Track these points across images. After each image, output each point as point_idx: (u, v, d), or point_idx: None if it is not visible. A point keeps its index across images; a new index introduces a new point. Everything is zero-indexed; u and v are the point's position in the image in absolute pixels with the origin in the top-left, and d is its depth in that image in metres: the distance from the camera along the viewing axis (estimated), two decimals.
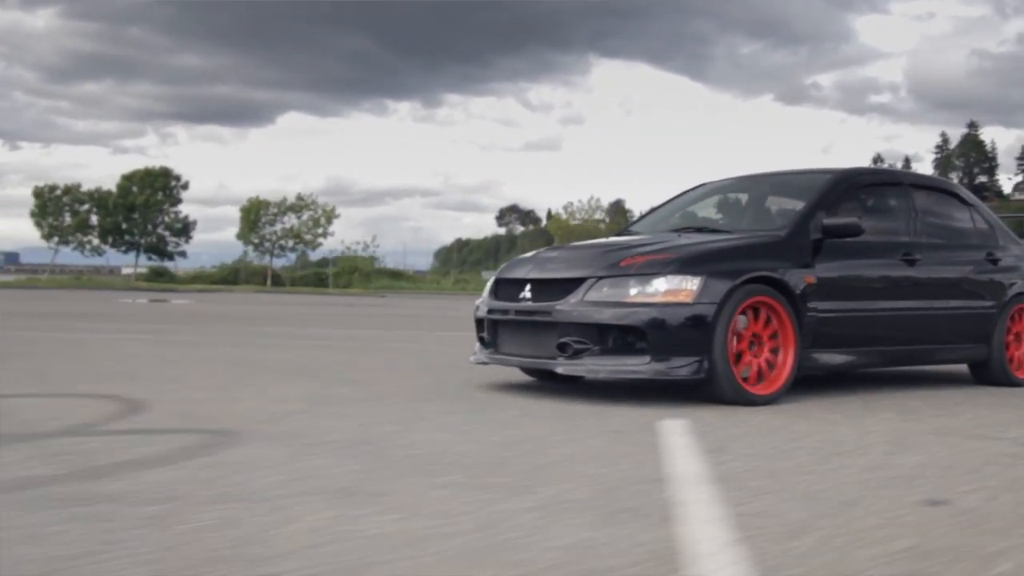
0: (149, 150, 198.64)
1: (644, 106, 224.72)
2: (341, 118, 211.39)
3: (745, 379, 4.68)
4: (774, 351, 4.82)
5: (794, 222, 5.17)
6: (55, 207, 52.94)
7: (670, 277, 4.60)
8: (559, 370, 4.74)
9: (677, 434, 3.67)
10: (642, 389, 5.22)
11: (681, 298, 4.55)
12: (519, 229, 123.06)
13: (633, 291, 4.62)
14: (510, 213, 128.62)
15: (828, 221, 5.12)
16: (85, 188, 54.31)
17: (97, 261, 61.27)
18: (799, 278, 4.92)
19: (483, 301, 5.32)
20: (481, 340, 5.32)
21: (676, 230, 5.63)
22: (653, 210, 6.50)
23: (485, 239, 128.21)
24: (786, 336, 4.84)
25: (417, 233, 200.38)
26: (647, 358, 4.53)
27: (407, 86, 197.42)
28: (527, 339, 4.94)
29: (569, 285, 4.80)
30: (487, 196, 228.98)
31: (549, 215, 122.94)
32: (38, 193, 52.79)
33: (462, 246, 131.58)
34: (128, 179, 54.79)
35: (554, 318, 4.76)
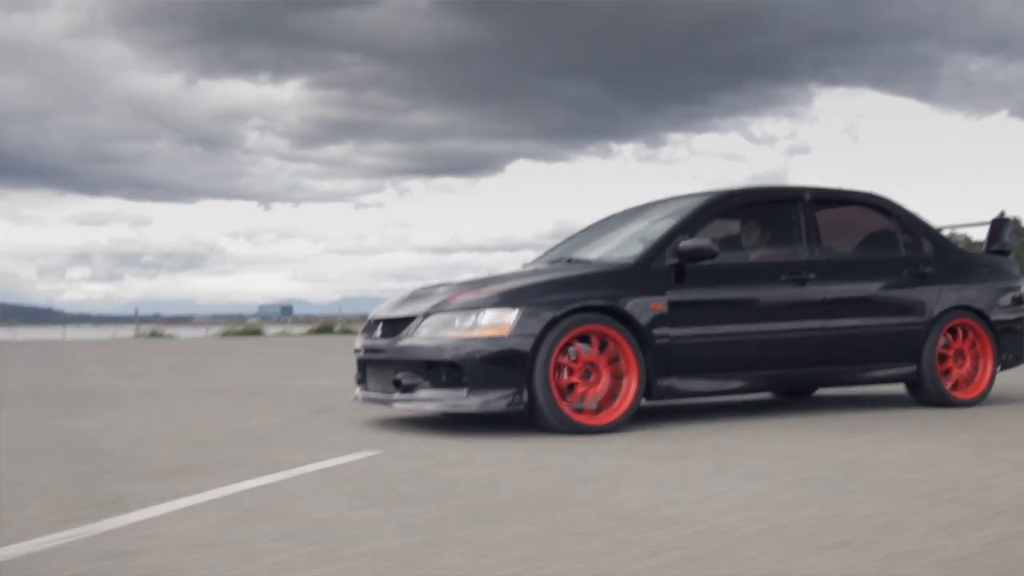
0: (387, 204, 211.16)
1: (871, 131, 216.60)
2: (567, 163, 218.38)
3: (580, 409, 4.72)
4: (617, 379, 4.83)
5: (646, 249, 5.17)
6: None
7: (488, 312, 4.74)
8: (395, 406, 4.96)
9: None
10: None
11: (498, 332, 4.69)
12: None
13: (455, 327, 4.79)
14: None
15: (683, 246, 5.07)
16: None
17: None
18: (643, 305, 4.92)
19: (358, 339, 5.61)
20: (356, 378, 5.60)
21: (555, 261, 5.70)
22: (565, 241, 6.54)
23: None
24: (628, 364, 4.85)
25: None
26: (465, 391, 4.67)
27: (630, 128, 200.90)
28: (378, 376, 5.19)
29: (405, 323, 5.03)
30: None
31: None
32: None
33: None
34: None
35: (388, 355, 5.02)
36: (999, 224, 6.29)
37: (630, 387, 4.84)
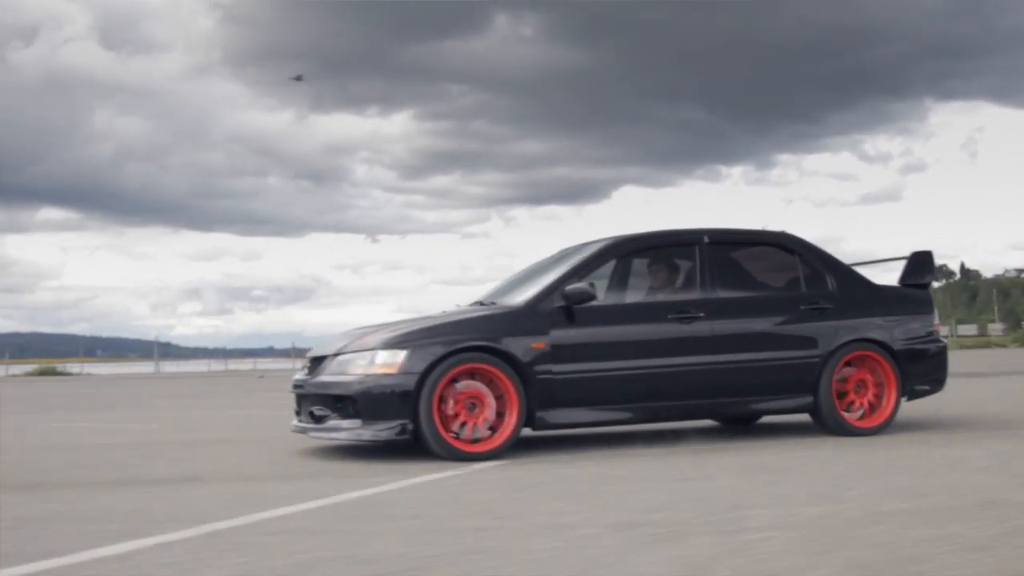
0: (493, 233, 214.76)
1: (990, 146, 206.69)
2: (674, 187, 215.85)
3: (459, 436, 5.26)
4: (500, 413, 5.35)
5: (536, 293, 5.67)
6: None
7: (382, 352, 5.33)
8: (310, 435, 5.60)
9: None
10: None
11: (389, 370, 5.27)
12: (934, 284, 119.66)
13: (356, 365, 5.40)
14: None
15: (566, 289, 5.55)
16: None
17: None
18: (526, 345, 5.42)
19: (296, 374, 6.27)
20: (295, 410, 6.26)
21: (474, 303, 6.24)
22: (502, 283, 7.03)
23: None
24: (509, 398, 5.34)
25: None
26: (359, 422, 5.28)
27: (738, 150, 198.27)
28: (303, 408, 5.84)
29: (321, 361, 5.67)
30: None
31: (963, 269, 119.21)
32: None
33: None
34: None
35: (306, 390, 5.67)
36: (919, 258, 6.49)
37: (511, 419, 5.32)
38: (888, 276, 6.64)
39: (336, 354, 5.57)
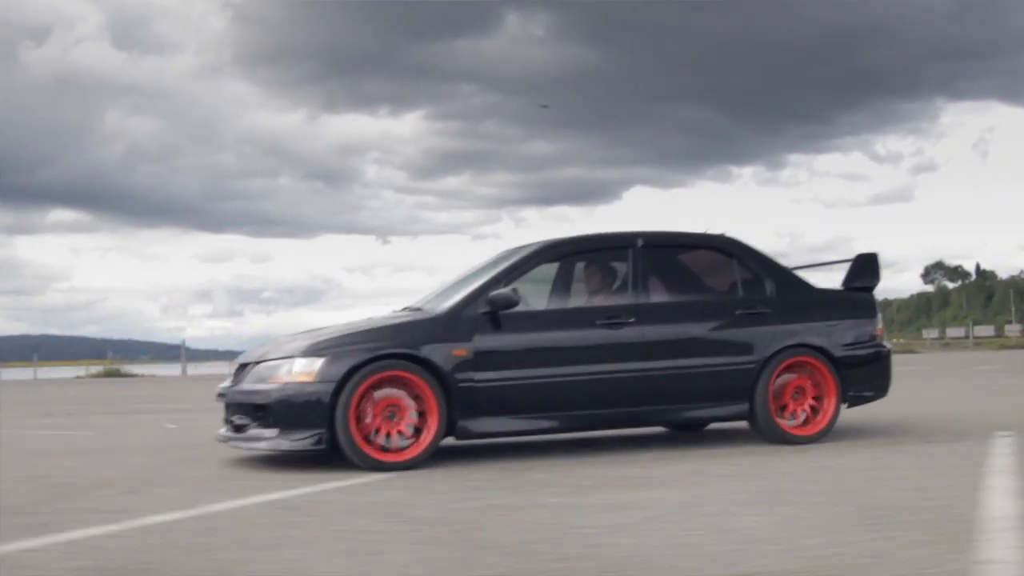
0: (504, 234, 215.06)
1: (1001, 146, 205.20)
2: (685, 188, 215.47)
3: (386, 448, 5.16)
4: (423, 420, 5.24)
5: (460, 299, 5.57)
6: None
7: (299, 360, 5.24)
8: (231, 444, 5.52)
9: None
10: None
11: (305, 378, 5.17)
12: (949, 285, 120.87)
13: (274, 374, 5.31)
14: (936, 270, 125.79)
15: (490, 295, 5.45)
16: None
17: None
18: (447, 352, 5.31)
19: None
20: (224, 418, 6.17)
21: (403, 309, 6.13)
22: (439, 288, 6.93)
23: (911, 297, 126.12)
24: (429, 407, 5.24)
25: None
26: (277, 431, 5.19)
27: (749, 151, 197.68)
28: (228, 416, 5.74)
29: (244, 369, 5.58)
30: (835, 254, 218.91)
31: (978, 269, 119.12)
32: None
33: (884, 306, 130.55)
34: None
35: (229, 399, 5.57)
36: (863, 260, 6.34)
37: (430, 428, 5.22)
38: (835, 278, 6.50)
39: (258, 361, 5.48)
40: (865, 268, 6.32)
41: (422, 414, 5.24)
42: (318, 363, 5.18)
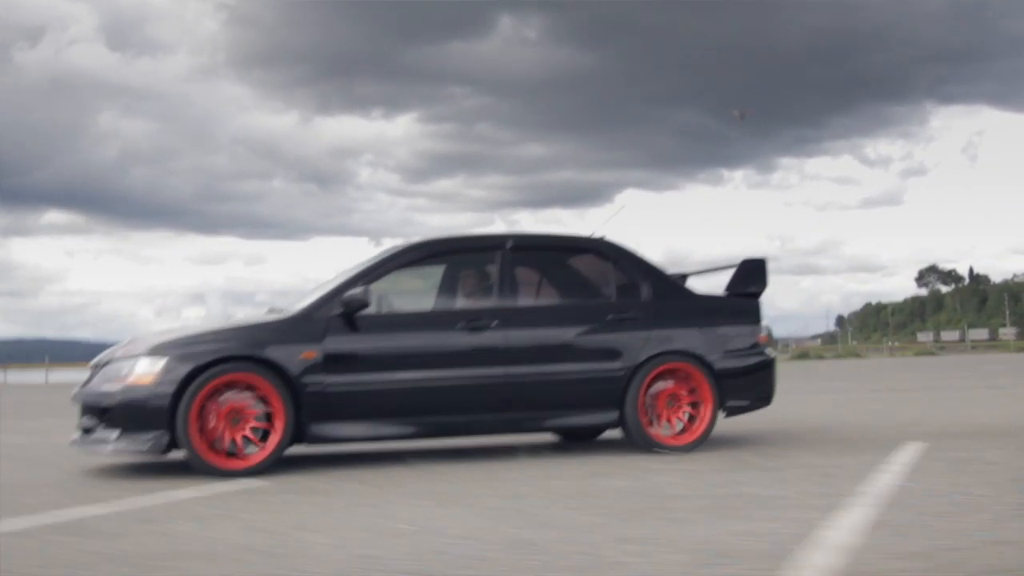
0: None
1: (990, 149, 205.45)
2: (677, 191, 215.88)
3: (232, 454, 4.99)
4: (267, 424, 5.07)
5: (313, 300, 5.40)
6: None
7: (142, 360, 5.06)
8: (78, 448, 5.32)
9: None
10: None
11: (147, 380, 4.99)
12: (943, 289, 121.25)
13: (118, 375, 5.13)
14: (929, 273, 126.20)
15: (344, 296, 5.28)
16: None
17: None
18: (295, 355, 5.14)
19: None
20: None
21: (271, 309, 5.96)
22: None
23: (905, 301, 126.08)
24: (275, 412, 5.06)
25: None
26: (119, 434, 5.01)
27: (741, 154, 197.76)
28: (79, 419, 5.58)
29: (96, 370, 5.41)
30: (825, 257, 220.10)
31: (971, 273, 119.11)
32: None
33: (879, 310, 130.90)
34: None
35: (79, 400, 5.38)
36: (749, 266, 6.15)
37: (275, 433, 5.04)
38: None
39: (108, 361, 5.31)
40: (752, 274, 6.13)
41: (272, 418, 5.08)
42: (160, 364, 5.01)
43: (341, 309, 5.28)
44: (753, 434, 6.66)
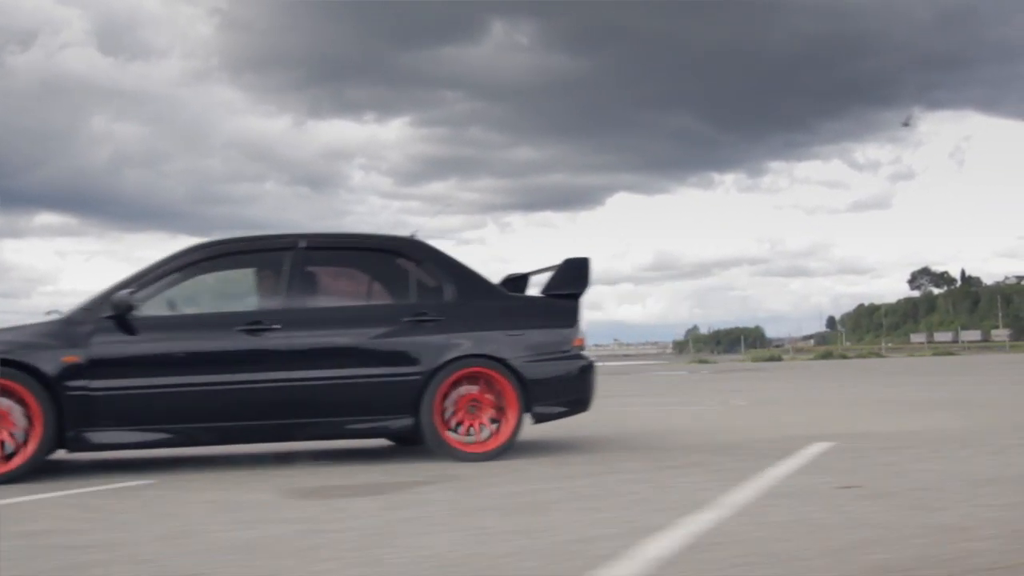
0: (489, 239, 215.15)
1: (977, 155, 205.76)
2: (668, 194, 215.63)
3: None
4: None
5: (84, 302, 5.20)
6: None
7: None
8: None
9: None
10: None
11: None
12: (935, 291, 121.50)
13: None
14: (922, 276, 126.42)
15: (113, 298, 5.08)
16: None
17: None
18: (55, 358, 4.93)
19: None
20: None
21: (51, 311, 5.73)
22: None
23: (898, 303, 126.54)
24: (34, 417, 4.86)
25: (744, 302, 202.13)
26: None
27: (731, 158, 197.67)
28: None
29: None
30: (815, 260, 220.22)
31: (963, 276, 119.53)
32: None
33: (872, 311, 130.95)
34: None
35: None
36: (571, 265, 5.90)
37: (32, 439, 4.83)
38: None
39: None
40: (572, 274, 5.88)
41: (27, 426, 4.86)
42: None
43: (111, 311, 5.07)
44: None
